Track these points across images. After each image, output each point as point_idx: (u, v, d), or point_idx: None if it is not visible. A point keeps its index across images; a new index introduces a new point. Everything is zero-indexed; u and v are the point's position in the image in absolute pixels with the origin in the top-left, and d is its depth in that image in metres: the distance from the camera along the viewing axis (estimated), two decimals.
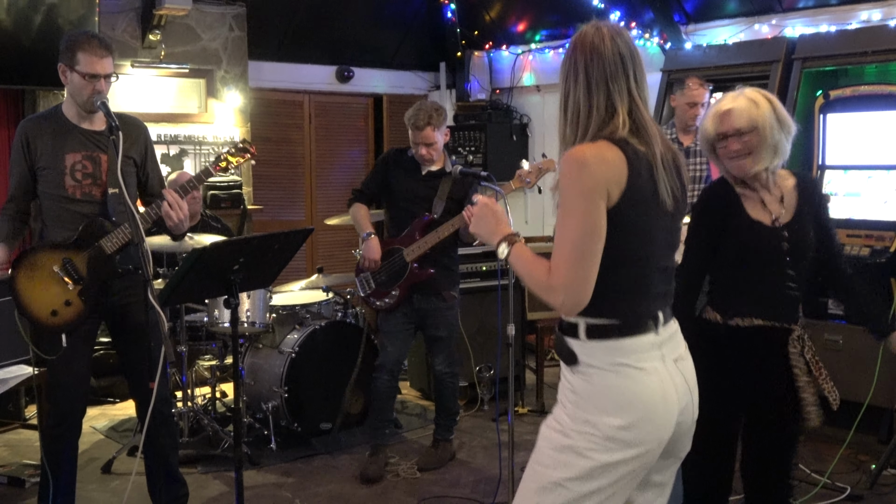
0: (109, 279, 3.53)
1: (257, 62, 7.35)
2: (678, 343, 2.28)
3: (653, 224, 2.17)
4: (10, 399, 5.31)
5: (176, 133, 6.84)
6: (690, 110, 5.04)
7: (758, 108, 2.77)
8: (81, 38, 3.44)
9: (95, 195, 3.50)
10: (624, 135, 2.15)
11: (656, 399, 2.13)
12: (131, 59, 6.58)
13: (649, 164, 2.15)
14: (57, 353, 3.49)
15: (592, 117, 2.16)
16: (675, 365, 2.21)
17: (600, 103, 2.16)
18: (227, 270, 3.28)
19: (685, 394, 2.22)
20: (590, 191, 2.06)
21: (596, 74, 2.17)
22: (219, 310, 4.84)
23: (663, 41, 6.55)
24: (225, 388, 5.81)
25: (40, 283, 3.47)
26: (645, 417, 2.12)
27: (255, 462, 4.75)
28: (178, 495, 3.84)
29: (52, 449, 3.58)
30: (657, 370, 2.16)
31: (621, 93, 2.18)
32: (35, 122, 3.54)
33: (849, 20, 5.60)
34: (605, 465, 2.13)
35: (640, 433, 2.12)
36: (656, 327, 2.19)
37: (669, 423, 2.16)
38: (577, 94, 2.19)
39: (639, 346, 2.16)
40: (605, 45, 2.18)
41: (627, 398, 2.12)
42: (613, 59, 2.18)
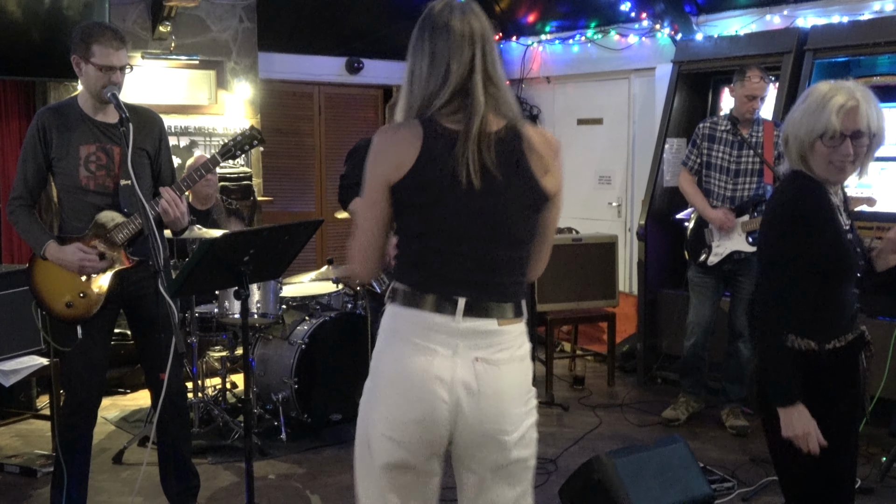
0: (122, 270, 3.54)
1: (267, 53, 7.35)
2: (491, 345, 2.13)
3: (441, 202, 2.10)
4: (23, 389, 5.33)
5: (186, 124, 6.85)
6: (749, 103, 4.93)
7: (876, 112, 2.48)
8: (96, 29, 3.45)
9: (109, 186, 3.52)
10: (440, 112, 2.11)
11: (411, 373, 2.10)
12: (142, 50, 6.59)
13: (453, 143, 2.08)
14: (73, 343, 3.51)
15: (428, 90, 2.13)
16: (471, 362, 2.11)
17: (437, 78, 2.12)
18: (238, 262, 3.29)
19: (469, 394, 2.10)
20: (376, 168, 2.14)
21: (439, 47, 2.13)
22: (229, 301, 4.85)
23: (674, 32, 6.52)
24: (235, 378, 5.83)
25: (55, 275, 3.50)
26: (391, 385, 2.13)
27: (266, 453, 4.76)
28: (190, 486, 3.86)
29: (66, 438, 3.61)
30: (435, 352, 2.09)
31: (461, 69, 2.11)
32: (51, 112, 3.54)
33: (861, 10, 5.57)
34: (363, 419, 2.19)
35: (383, 400, 2.14)
36: (452, 311, 2.10)
37: (424, 405, 2.09)
38: (421, 68, 2.15)
39: (420, 320, 2.12)
40: (454, 20, 2.14)
41: (383, 362, 2.17)
42: (461, 35, 2.12)
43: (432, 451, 2.16)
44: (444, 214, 2.11)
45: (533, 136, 2.15)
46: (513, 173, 2.11)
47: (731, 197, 5.00)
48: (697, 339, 5.18)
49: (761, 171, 4.94)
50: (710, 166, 5.08)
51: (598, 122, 7.67)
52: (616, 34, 7.16)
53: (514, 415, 2.15)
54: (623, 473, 3.60)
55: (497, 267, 2.14)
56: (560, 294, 5.97)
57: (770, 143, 4.93)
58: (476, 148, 2.07)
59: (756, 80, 4.91)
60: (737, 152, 4.99)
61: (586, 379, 6.22)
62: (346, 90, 8.07)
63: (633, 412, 5.57)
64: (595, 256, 6.07)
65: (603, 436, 5.12)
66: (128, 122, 3.29)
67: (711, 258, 5.05)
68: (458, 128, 2.09)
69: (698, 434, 5.09)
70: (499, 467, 2.18)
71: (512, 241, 2.15)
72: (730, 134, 5.02)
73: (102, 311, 3.54)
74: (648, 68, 7.00)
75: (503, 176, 2.10)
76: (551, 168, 2.16)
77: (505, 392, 2.14)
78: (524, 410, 2.19)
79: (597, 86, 7.66)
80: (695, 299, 5.20)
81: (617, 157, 7.48)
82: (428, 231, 2.14)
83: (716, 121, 5.15)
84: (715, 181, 5.06)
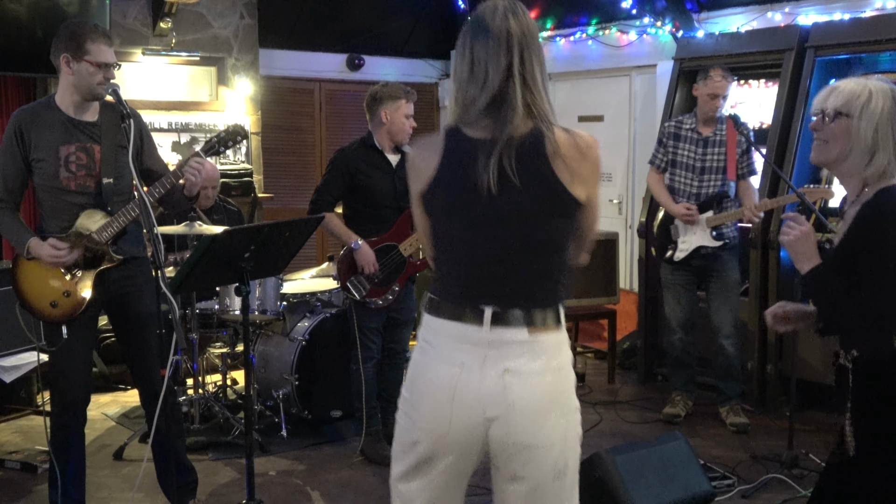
0: (106, 268, 3.53)
1: (268, 50, 7.35)
2: (522, 354, 2.08)
3: (463, 210, 2.10)
4: (23, 385, 5.34)
5: (187, 121, 6.85)
6: (711, 101, 5.00)
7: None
8: (87, 28, 3.44)
9: (90, 186, 3.49)
10: (462, 119, 2.12)
11: (441, 387, 2.09)
12: (142, 46, 6.59)
13: (475, 151, 2.07)
14: (58, 343, 3.50)
15: (468, 96, 2.11)
16: (499, 374, 2.07)
17: (476, 84, 2.10)
18: (239, 258, 3.29)
19: (498, 406, 2.06)
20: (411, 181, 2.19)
21: (478, 52, 2.11)
22: (230, 297, 4.85)
23: (675, 29, 6.51)
24: (236, 375, 5.83)
25: (39, 275, 3.48)
26: (422, 398, 2.13)
27: (266, 449, 4.77)
28: (188, 482, 3.86)
29: (58, 438, 3.60)
30: (462, 364, 2.08)
31: (499, 74, 2.08)
32: (27, 113, 3.50)
33: (863, 8, 5.56)
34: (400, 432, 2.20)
35: (416, 411, 2.14)
36: (479, 321, 2.08)
37: (457, 420, 2.08)
38: (462, 72, 2.13)
39: (450, 330, 2.12)
40: (494, 23, 2.10)
41: (415, 373, 2.17)
42: (498, 39, 2.08)
43: (465, 466, 2.16)
44: (463, 222, 2.11)
45: (561, 139, 2.09)
46: (534, 179, 2.06)
47: (697, 193, 5.08)
48: (679, 335, 5.24)
49: (725, 168, 5.02)
50: (675, 164, 5.16)
51: (598, 120, 7.66)
52: (617, 31, 7.16)
53: (547, 427, 2.09)
54: (623, 470, 3.60)
55: (523, 274, 2.10)
56: None
57: (733, 140, 5.00)
58: (497, 156, 2.05)
59: (718, 79, 4.99)
60: (702, 150, 5.08)
61: (587, 376, 6.22)
62: (346, 87, 8.07)
63: (634, 409, 5.57)
64: (596, 253, 5.99)
65: (603, 433, 5.12)
66: (129, 118, 3.28)
67: (677, 254, 5.13)
68: (481, 135, 2.08)
69: (699, 431, 5.09)
70: (536, 484, 2.13)
71: (537, 248, 2.10)
72: (694, 132, 5.11)
73: (86, 310, 3.53)
74: (649, 65, 7.00)
75: (523, 182, 2.05)
76: (581, 172, 2.10)
77: (536, 404, 2.08)
78: (561, 423, 2.13)
79: (598, 83, 7.65)
80: (669, 297, 5.29)
81: (618, 155, 7.48)
82: (451, 240, 2.15)
83: (681, 120, 5.25)
84: (680, 178, 5.14)
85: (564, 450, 2.14)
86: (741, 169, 5.05)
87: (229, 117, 7.01)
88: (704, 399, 5.42)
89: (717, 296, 5.11)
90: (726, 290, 5.08)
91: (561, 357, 2.15)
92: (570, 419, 2.15)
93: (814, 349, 5.16)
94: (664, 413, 5.30)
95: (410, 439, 2.17)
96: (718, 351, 5.15)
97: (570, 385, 2.17)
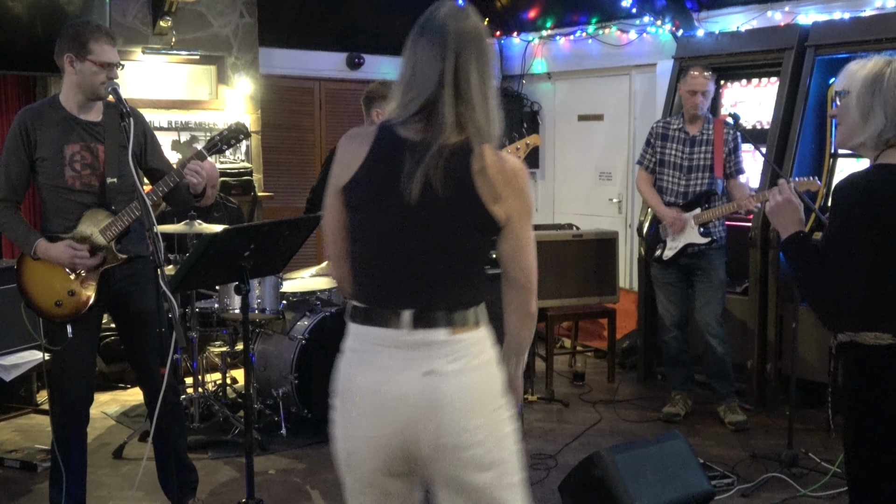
0: (111, 267, 3.54)
1: (268, 49, 7.35)
2: (445, 355, 2.06)
3: (383, 209, 2.07)
4: (23, 384, 5.34)
5: (186, 120, 6.85)
6: (691, 98, 5.08)
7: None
8: (90, 28, 3.45)
9: (94, 185, 3.50)
10: (397, 118, 2.08)
11: (367, 392, 2.08)
12: (142, 45, 6.59)
13: (403, 152, 2.04)
14: (63, 342, 3.51)
15: (405, 98, 2.07)
16: (422, 375, 2.04)
17: (412, 87, 2.06)
18: (238, 257, 3.29)
19: (423, 409, 2.04)
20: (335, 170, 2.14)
21: (419, 54, 2.07)
22: (229, 296, 4.85)
23: (675, 28, 6.51)
24: (235, 374, 5.83)
25: (44, 274, 3.49)
26: (352, 406, 2.11)
27: (266, 448, 4.77)
28: (188, 481, 3.86)
29: (61, 437, 3.60)
30: (386, 368, 2.06)
31: (431, 82, 2.04)
32: (33, 112, 3.51)
33: (862, 7, 5.56)
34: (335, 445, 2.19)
35: (347, 420, 2.13)
36: (400, 324, 2.06)
37: (385, 425, 2.07)
38: (403, 74, 2.10)
39: (372, 335, 2.10)
40: (435, 28, 2.06)
41: (343, 382, 2.15)
42: (435, 41, 2.04)
43: (394, 468, 2.12)
44: (382, 222, 2.08)
45: (489, 159, 2.05)
46: (455, 191, 2.02)
47: (685, 192, 5.13)
48: (673, 333, 5.28)
49: (712, 166, 5.06)
50: (663, 164, 5.21)
51: (598, 119, 7.67)
52: (617, 30, 7.16)
53: (473, 426, 2.06)
54: (623, 469, 3.60)
55: (442, 276, 2.08)
56: (560, 290, 5.97)
57: (721, 139, 5.03)
58: (423, 162, 2.01)
59: (695, 74, 5.08)
60: (689, 149, 5.13)
61: (586, 375, 6.22)
62: (346, 85, 8.06)
63: (633, 408, 5.57)
64: (595, 252, 6.07)
65: (603, 432, 5.12)
66: (129, 116, 3.29)
67: (666, 252, 5.17)
68: (412, 137, 2.05)
69: (698, 430, 5.09)
70: (467, 485, 2.09)
71: (454, 254, 2.08)
72: (681, 132, 5.16)
73: (90, 309, 3.54)
74: (649, 64, 7.00)
75: (444, 192, 2.02)
76: (503, 196, 2.06)
77: (460, 404, 2.04)
78: (488, 421, 2.08)
79: (598, 82, 7.65)
80: (660, 295, 5.33)
81: (618, 154, 7.48)
82: (370, 238, 2.11)
83: (668, 120, 5.32)
84: (668, 178, 5.19)
85: (495, 448, 2.10)
86: (729, 168, 5.09)
87: (229, 116, 7.01)
88: (704, 398, 5.42)
89: (702, 294, 5.15)
90: (712, 288, 5.12)
91: (483, 356, 2.11)
92: (497, 416, 2.11)
93: (813, 348, 5.16)
94: (664, 412, 5.30)
95: (346, 449, 2.16)
96: (707, 350, 5.17)
97: (494, 382, 2.13)
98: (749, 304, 5.45)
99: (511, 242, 2.14)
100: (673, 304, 5.26)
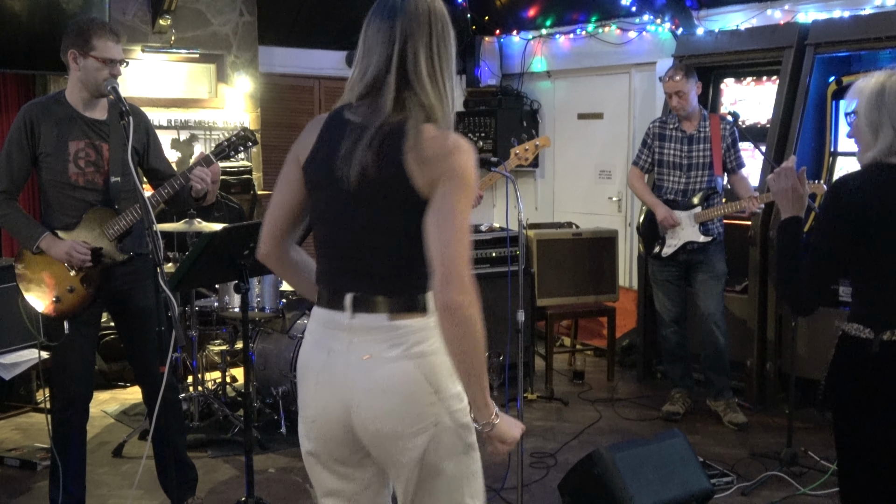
0: (111, 265, 3.54)
1: (267, 47, 7.34)
2: (384, 340, 2.01)
3: (327, 192, 2.07)
4: (22, 383, 5.34)
5: (186, 118, 6.85)
6: (671, 101, 5.10)
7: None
8: (94, 24, 3.45)
9: (98, 182, 3.50)
10: (346, 102, 2.08)
11: (312, 371, 2.11)
12: (142, 43, 6.58)
13: (344, 134, 2.03)
14: (60, 339, 3.51)
15: (351, 81, 2.08)
16: (360, 360, 2.02)
17: (360, 70, 2.06)
18: (238, 255, 3.29)
19: (357, 393, 2.01)
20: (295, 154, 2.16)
21: (370, 36, 2.06)
22: (229, 295, 4.85)
23: (675, 27, 6.51)
24: (235, 372, 5.83)
25: (44, 270, 3.49)
26: (300, 383, 2.15)
27: (266, 447, 4.77)
28: (188, 479, 3.86)
29: (60, 433, 3.60)
30: (330, 350, 2.06)
31: (378, 66, 2.02)
32: (38, 107, 3.51)
33: (862, 5, 5.56)
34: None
35: (300, 397, 2.16)
36: (342, 306, 2.04)
37: (323, 405, 2.08)
38: (357, 52, 2.09)
39: (322, 316, 2.11)
40: (385, 12, 2.05)
41: (299, 359, 2.18)
42: (384, 24, 2.03)
43: (339, 452, 2.12)
44: (325, 205, 2.09)
45: (426, 136, 1.96)
46: (388, 171, 1.97)
47: (684, 190, 5.13)
48: (672, 329, 5.28)
49: (711, 163, 5.06)
50: (662, 163, 5.21)
51: (598, 117, 7.66)
52: (617, 28, 7.15)
53: (411, 415, 2.00)
54: (622, 468, 3.60)
55: (382, 260, 2.03)
56: (560, 288, 5.97)
57: (718, 136, 5.02)
58: (360, 145, 1.99)
59: (666, 78, 5.10)
60: (687, 147, 5.12)
61: (586, 373, 6.22)
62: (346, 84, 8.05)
63: (633, 407, 5.57)
64: (595, 251, 6.08)
65: (602, 430, 5.13)
66: (128, 115, 3.28)
67: (665, 249, 5.17)
68: (355, 119, 2.04)
69: (698, 429, 5.09)
70: (412, 474, 2.05)
71: (393, 236, 2.02)
72: (678, 131, 5.16)
73: (90, 306, 3.54)
74: (649, 63, 7.00)
75: (378, 173, 1.97)
76: (434, 172, 1.94)
77: (393, 391, 1.99)
78: (429, 411, 2.01)
79: (597, 80, 7.65)
80: (658, 292, 5.33)
81: (617, 152, 7.48)
82: (318, 222, 2.13)
83: (665, 120, 5.30)
84: (668, 177, 5.19)
85: (437, 439, 2.02)
86: (729, 163, 5.10)
87: (229, 114, 7.01)
88: (704, 397, 5.42)
89: (704, 285, 5.14)
90: (714, 279, 5.12)
91: (424, 344, 2.02)
92: (440, 408, 2.02)
93: (813, 347, 5.16)
94: (663, 410, 5.31)
95: (301, 430, 2.17)
96: (707, 339, 5.15)
97: (435, 371, 2.02)
98: (748, 303, 5.45)
99: (432, 216, 1.94)
100: (670, 301, 5.26)
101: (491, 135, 7.83)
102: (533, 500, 4.14)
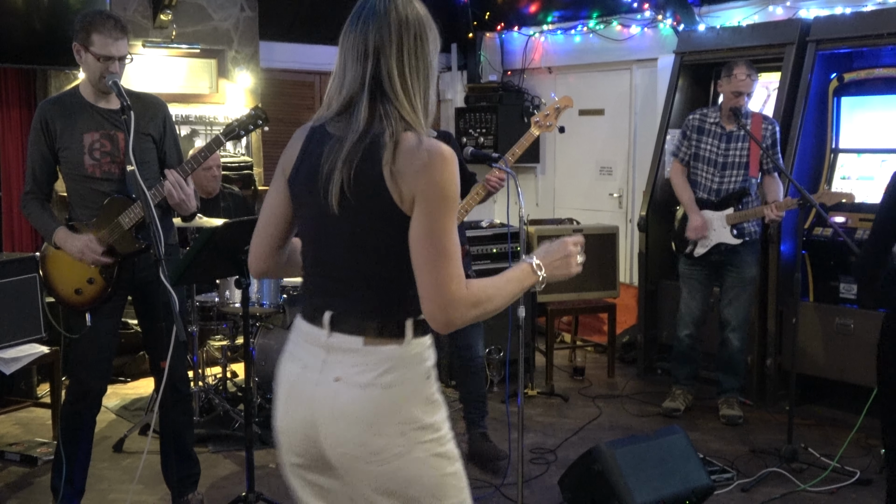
0: (130, 255, 3.55)
1: (268, 42, 7.34)
2: (356, 364, 1.94)
3: (307, 212, 2.03)
4: (23, 377, 5.33)
5: (187, 113, 6.85)
6: (735, 99, 4.94)
7: None
8: (97, 18, 3.43)
9: (115, 173, 3.53)
10: (327, 115, 1.99)
11: (283, 383, 2.09)
12: (142, 39, 6.58)
13: (323, 149, 1.96)
14: (81, 331, 3.54)
15: (329, 95, 2.00)
16: (331, 380, 1.95)
17: (336, 85, 1.98)
18: (239, 251, 3.29)
19: (324, 413, 1.95)
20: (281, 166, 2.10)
21: (346, 47, 1.96)
22: (230, 290, 4.85)
23: (676, 23, 6.50)
24: (236, 368, 5.84)
25: (64, 262, 3.53)
26: (275, 393, 2.12)
27: (266, 442, 4.76)
28: (190, 473, 3.87)
29: (70, 425, 3.62)
30: (305, 364, 2.02)
31: (354, 82, 1.94)
32: (52, 104, 3.55)
33: (864, 2, 5.55)
34: None
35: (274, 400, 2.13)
36: (320, 323, 1.99)
37: (290, 419, 2.04)
38: (335, 64, 1.99)
39: (301, 329, 2.07)
40: (364, 10, 1.95)
41: (278, 367, 2.15)
42: (363, 34, 1.92)
43: (308, 465, 2.05)
44: (308, 221, 2.05)
45: (404, 147, 1.88)
46: (366, 187, 1.89)
47: (717, 189, 5.04)
48: (689, 331, 5.22)
49: (748, 164, 4.97)
50: (697, 158, 5.12)
51: (599, 113, 7.66)
52: (618, 25, 7.14)
53: (376, 443, 1.91)
54: (623, 464, 3.60)
55: (361, 281, 1.96)
56: (560, 285, 5.92)
57: (758, 136, 4.94)
58: (336, 160, 1.91)
59: (742, 76, 4.93)
60: (724, 145, 5.03)
61: (586, 370, 6.22)
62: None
63: (633, 403, 5.57)
64: (596, 247, 6.07)
65: (603, 426, 5.13)
66: (129, 109, 3.29)
67: (698, 249, 5.10)
68: (334, 132, 1.97)
69: (698, 425, 5.10)
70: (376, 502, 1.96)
71: (371, 254, 1.94)
72: (718, 126, 5.06)
73: (110, 298, 3.55)
74: (650, 59, 6.99)
75: (356, 189, 1.90)
76: (413, 184, 1.86)
77: (357, 417, 1.92)
78: (396, 442, 1.92)
79: (599, 76, 7.64)
80: (685, 291, 5.26)
81: (618, 148, 7.48)
82: (303, 237, 2.10)
83: (706, 112, 5.19)
84: (702, 173, 5.10)
85: (403, 471, 1.93)
86: (766, 164, 4.98)
87: (229, 110, 7.01)
88: (704, 393, 5.43)
89: (731, 290, 5.09)
90: (742, 284, 5.06)
91: (395, 373, 1.93)
92: (407, 439, 1.93)
93: (814, 343, 5.16)
94: (664, 407, 5.31)
95: (275, 436, 2.14)
96: (722, 343, 5.15)
97: (404, 402, 1.93)
98: None
99: (415, 237, 1.88)
100: (695, 301, 5.19)
101: (492, 131, 7.83)
102: (533, 496, 4.14)
